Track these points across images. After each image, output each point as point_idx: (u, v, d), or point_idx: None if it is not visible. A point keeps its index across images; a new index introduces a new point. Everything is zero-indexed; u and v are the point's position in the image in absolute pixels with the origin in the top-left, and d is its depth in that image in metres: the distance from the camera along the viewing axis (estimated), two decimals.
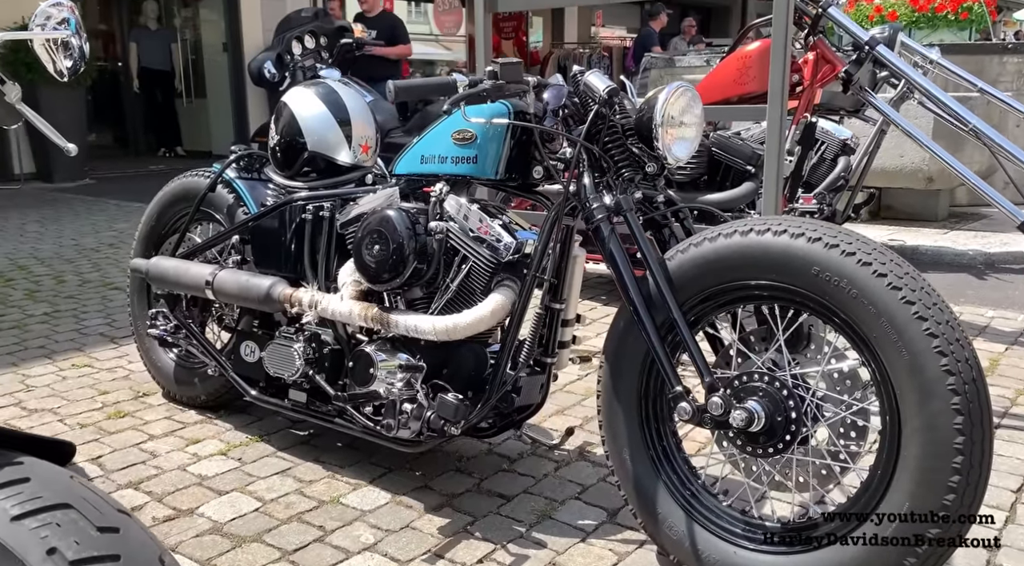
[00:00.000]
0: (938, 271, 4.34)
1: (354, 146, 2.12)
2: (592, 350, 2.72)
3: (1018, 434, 2.28)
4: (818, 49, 3.14)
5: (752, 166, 3.23)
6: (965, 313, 3.47)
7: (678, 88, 1.63)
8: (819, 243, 1.39)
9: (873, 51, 2.99)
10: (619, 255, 1.58)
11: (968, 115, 2.88)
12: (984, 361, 2.83)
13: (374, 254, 1.77)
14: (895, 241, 4.79)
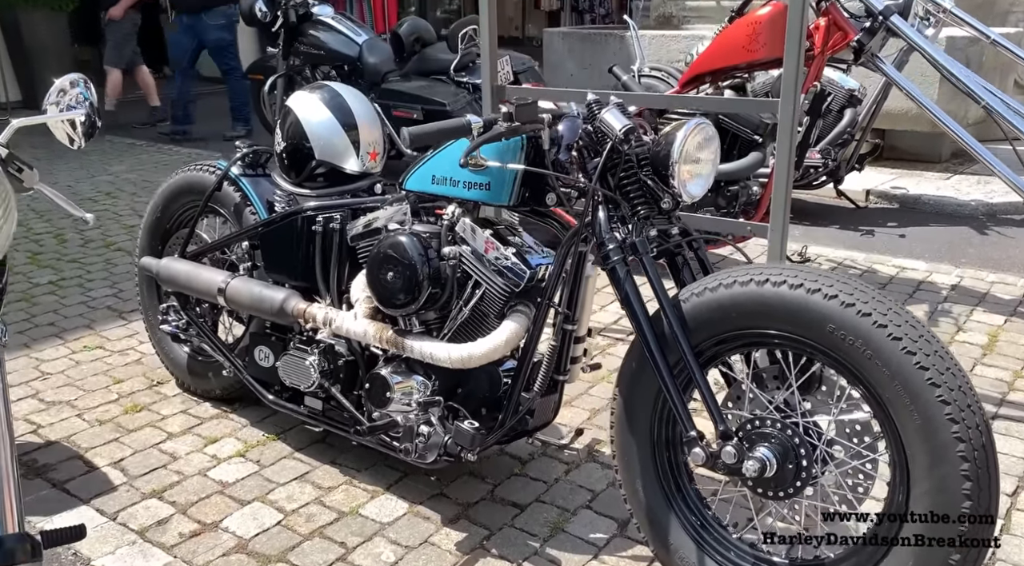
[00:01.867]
0: (940, 224, 4.35)
1: (362, 154, 2.09)
2: (607, 335, 2.75)
3: (1015, 426, 2.34)
4: (830, 15, 3.05)
5: (759, 135, 3.19)
6: (966, 278, 3.50)
7: (697, 125, 1.61)
8: (835, 300, 1.40)
9: (887, 22, 2.91)
10: (634, 298, 1.59)
11: (982, 92, 2.84)
12: (983, 337, 2.89)
13: (388, 280, 1.78)
14: (898, 189, 4.77)
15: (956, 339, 2.91)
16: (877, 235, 4.17)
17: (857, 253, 3.87)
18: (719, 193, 3.28)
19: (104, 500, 2.00)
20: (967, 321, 3.07)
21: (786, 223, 2.41)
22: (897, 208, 4.68)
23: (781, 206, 2.38)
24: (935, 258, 3.80)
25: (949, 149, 5.60)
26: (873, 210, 4.66)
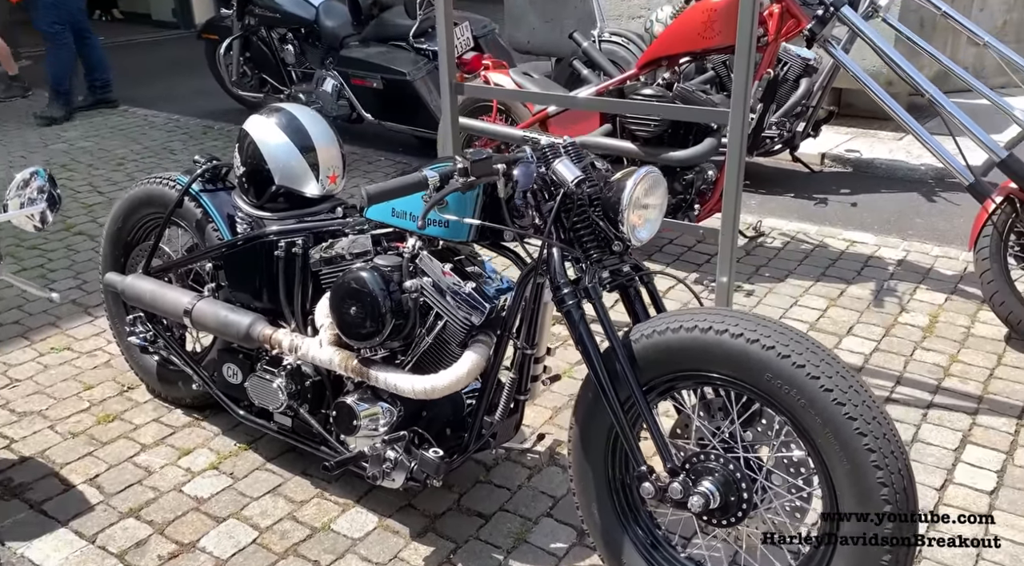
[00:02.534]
0: (891, 189, 4.47)
1: (322, 177, 2.12)
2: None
3: (947, 415, 2.49)
4: (784, 2, 3.08)
5: (716, 124, 3.23)
6: (912, 252, 3.63)
7: (646, 173, 1.67)
8: (772, 351, 1.49)
9: (837, 13, 2.94)
10: (588, 339, 1.67)
11: (926, 84, 2.91)
12: (924, 318, 3.03)
13: (351, 315, 1.83)
14: (852, 152, 4.87)
15: (899, 321, 3.06)
16: (830, 204, 4.28)
17: (809, 225, 3.98)
18: (675, 179, 3.33)
19: (82, 522, 2.08)
20: (910, 300, 3.21)
21: (735, 226, 2.49)
22: (851, 172, 4.79)
23: (731, 212, 2.46)
24: (884, 229, 3.92)
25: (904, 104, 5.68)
26: (828, 175, 4.76)
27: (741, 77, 2.32)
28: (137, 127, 5.91)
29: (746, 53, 2.29)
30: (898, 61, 2.95)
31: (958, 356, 2.81)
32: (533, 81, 3.80)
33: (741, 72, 2.31)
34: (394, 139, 5.35)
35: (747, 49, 2.29)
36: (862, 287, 3.33)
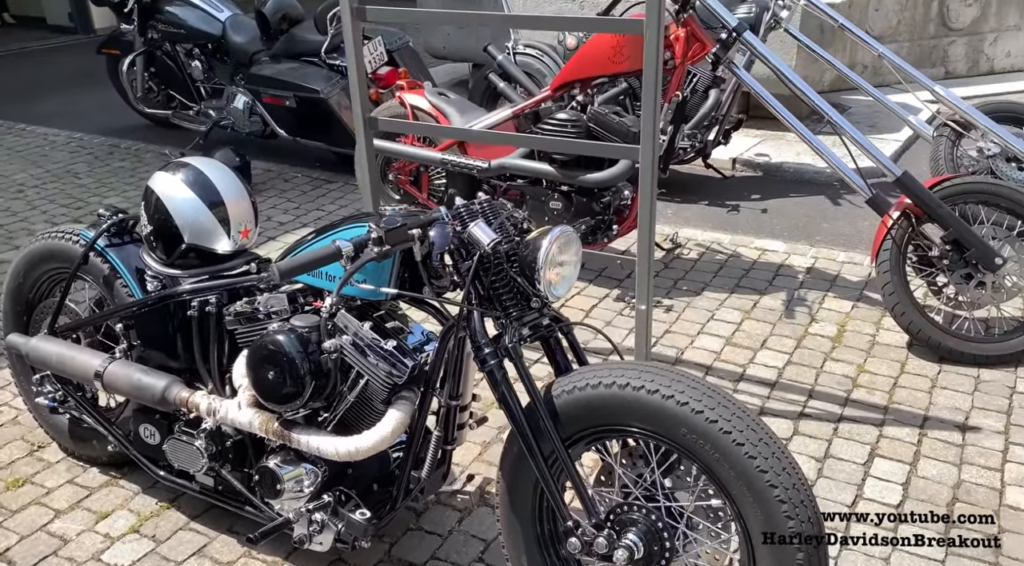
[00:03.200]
0: (799, 193, 4.63)
1: (233, 233, 2.07)
2: None
3: (857, 428, 2.61)
4: (689, 27, 3.14)
5: (629, 143, 3.29)
6: (820, 258, 3.78)
7: (560, 233, 1.69)
8: (687, 407, 1.54)
9: (740, 38, 3.03)
10: (510, 397, 1.69)
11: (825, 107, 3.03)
12: (832, 328, 3.16)
13: (269, 379, 1.81)
14: (761, 156, 5.02)
15: (809, 331, 3.18)
16: (742, 211, 4.41)
17: (723, 234, 4.09)
18: (593, 200, 3.38)
19: None
20: (819, 309, 3.34)
21: (651, 254, 2.55)
22: (761, 177, 4.93)
23: (646, 242, 2.51)
24: (793, 236, 4.06)
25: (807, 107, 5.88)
26: (739, 180, 4.89)
27: (649, 116, 2.36)
28: (36, 148, 5.66)
29: (652, 93, 2.34)
30: (797, 83, 3.05)
31: (865, 366, 2.95)
32: (450, 102, 3.78)
33: (649, 111, 2.36)
34: (311, 154, 5.26)
35: (653, 89, 2.33)
36: (774, 298, 3.45)
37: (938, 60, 6.82)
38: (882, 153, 2.99)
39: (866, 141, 3.01)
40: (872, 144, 3.01)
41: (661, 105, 3.33)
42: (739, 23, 3.03)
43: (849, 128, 3.02)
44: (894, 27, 6.53)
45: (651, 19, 2.26)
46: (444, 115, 3.72)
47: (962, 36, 6.78)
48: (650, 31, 2.27)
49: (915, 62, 6.71)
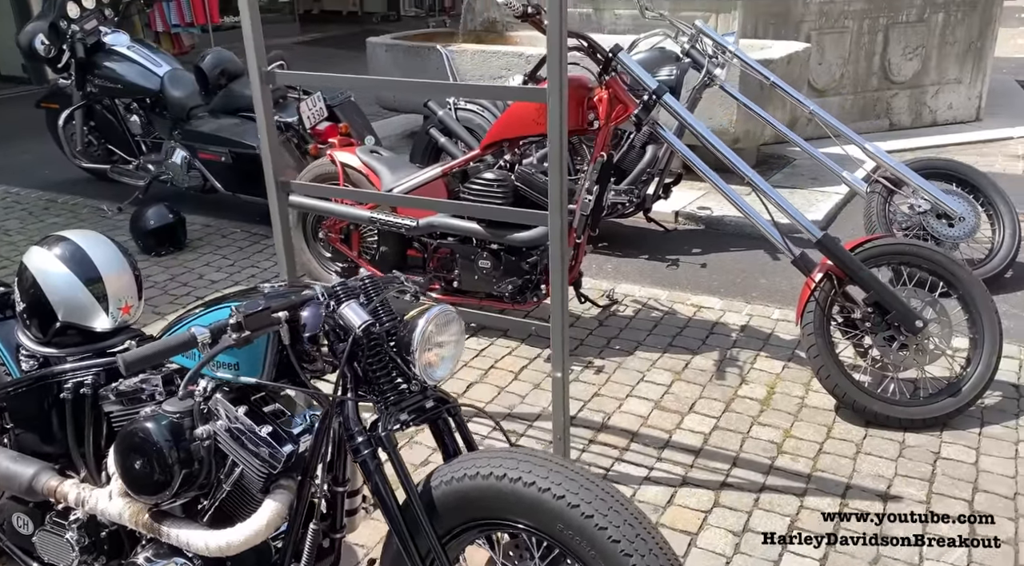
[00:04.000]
0: (739, 248, 4.62)
1: (112, 310, 1.98)
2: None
3: (778, 499, 2.55)
4: (612, 89, 3.14)
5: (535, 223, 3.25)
6: (755, 316, 3.75)
7: (438, 312, 1.63)
8: (563, 501, 1.47)
9: (660, 100, 3.02)
10: (384, 491, 1.61)
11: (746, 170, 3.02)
12: (762, 390, 3.11)
13: (136, 469, 1.70)
14: (704, 209, 5.02)
15: (739, 394, 3.13)
16: (681, 265, 4.38)
17: (660, 290, 4.06)
18: (521, 259, 3.34)
19: None
20: (751, 370, 3.29)
21: (565, 322, 2.49)
22: (702, 230, 4.93)
23: (559, 311, 2.45)
24: (730, 292, 4.04)
25: (753, 157, 5.94)
26: (681, 233, 4.88)
27: (556, 183, 2.32)
28: None
29: (557, 160, 2.30)
30: (719, 148, 3.04)
31: (791, 430, 2.89)
32: (382, 160, 3.74)
33: (555, 179, 2.32)
34: (251, 209, 5.18)
35: (558, 157, 2.30)
36: (706, 357, 3.40)
37: (882, 112, 6.94)
38: (802, 214, 2.98)
39: (785, 202, 3.00)
40: (792, 205, 3.01)
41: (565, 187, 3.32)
42: (659, 86, 3.02)
43: (768, 189, 3.02)
44: (838, 80, 6.65)
45: (553, 88, 2.23)
46: (375, 173, 3.68)
47: (904, 89, 6.92)
48: (552, 99, 2.24)
49: (860, 114, 6.84)
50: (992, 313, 2.87)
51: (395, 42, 6.50)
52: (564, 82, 2.23)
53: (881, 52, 6.72)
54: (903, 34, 6.70)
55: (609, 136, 3.29)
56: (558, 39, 2.18)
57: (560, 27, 2.16)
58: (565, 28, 2.19)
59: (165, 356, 1.50)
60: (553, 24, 2.17)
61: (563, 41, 2.19)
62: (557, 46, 2.18)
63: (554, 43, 2.18)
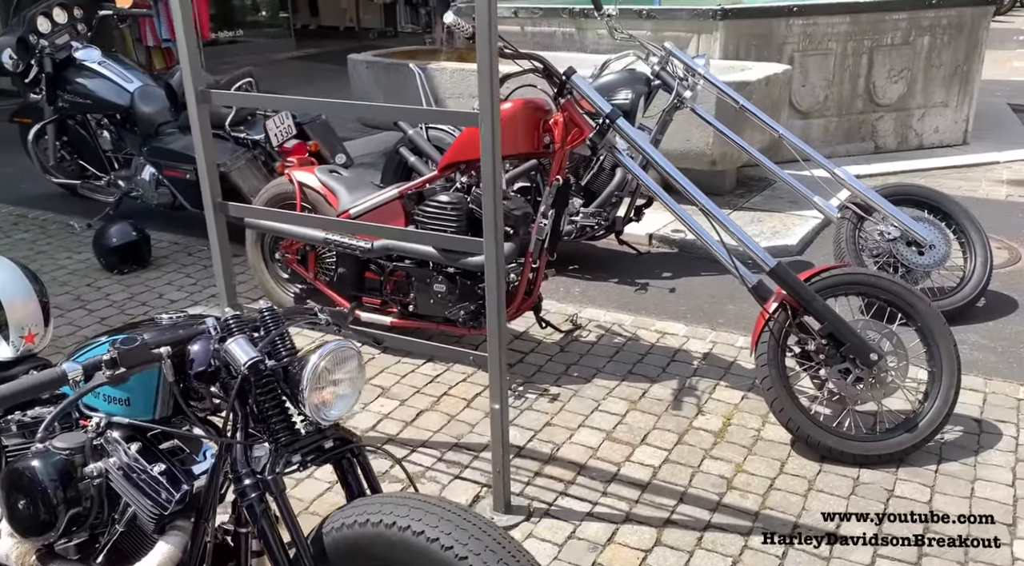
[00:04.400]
0: (710, 272, 4.53)
1: (13, 338, 1.91)
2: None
3: (722, 538, 2.46)
4: (567, 111, 3.08)
5: (510, 227, 3.19)
6: (719, 343, 3.67)
7: (333, 349, 1.55)
8: (451, 552, 1.39)
9: (613, 125, 2.96)
10: (271, 534, 1.53)
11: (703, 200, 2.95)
12: (718, 421, 3.03)
13: (20, 509, 1.63)
14: (678, 232, 4.94)
15: (694, 425, 3.04)
16: (650, 290, 4.31)
17: (626, 315, 3.98)
18: (476, 283, 3.26)
19: None
20: (708, 400, 3.21)
21: (502, 351, 2.41)
22: (676, 253, 4.86)
23: (496, 342, 2.38)
24: (696, 318, 3.96)
25: (733, 180, 5.88)
26: (654, 256, 4.81)
27: (489, 210, 2.26)
28: None
29: (490, 186, 2.23)
30: (675, 176, 2.97)
31: (744, 465, 2.81)
32: (341, 179, 3.68)
33: (489, 205, 2.25)
34: None
35: (491, 183, 2.23)
36: (665, 386, 3.32)
37: (867, 135, 6.88)
38: (755, 243, 2.91)
39: (739, 230, 2.93)
40: (746, 234, 2.93)
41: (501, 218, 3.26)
42: (612, 110, 2.96)
43: (721, 216, 2.95)
44: (822, 102, 6.59)
45: (484, 112, 2.17)
46: (332, 193, 3.61)
47: (890, 112, 6.86)
48: (484, 125, 2.18)
49: (844, 137, 6.78)
50: (950, 346, 2.78)
51: (376, 59, 6.46)
52: (495, 106, 2.17)
53: (866, 74, 6.67)
54: (888, 56, 6.65)
55: (565, 160, 3.23)
56: (488, 62, 2.12)
57: (489, 49, 2.10)
58: (495, 50, 2.13)
59: (30, 394, 1.42)
60: (482, 47, 2.11)
61: (492, 64, 2.13)
62: (487, 69, 2.12)
63: (484, 66, 2.12)
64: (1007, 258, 4.56)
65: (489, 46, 2.09)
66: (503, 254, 2.33)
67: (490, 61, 2.11)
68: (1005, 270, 4.38)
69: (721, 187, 5.73)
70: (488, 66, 2.11)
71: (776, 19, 6.24)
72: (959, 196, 5.69)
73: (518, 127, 3.12)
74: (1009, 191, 5.80)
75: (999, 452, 2.82)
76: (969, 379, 3.27)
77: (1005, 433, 2.92)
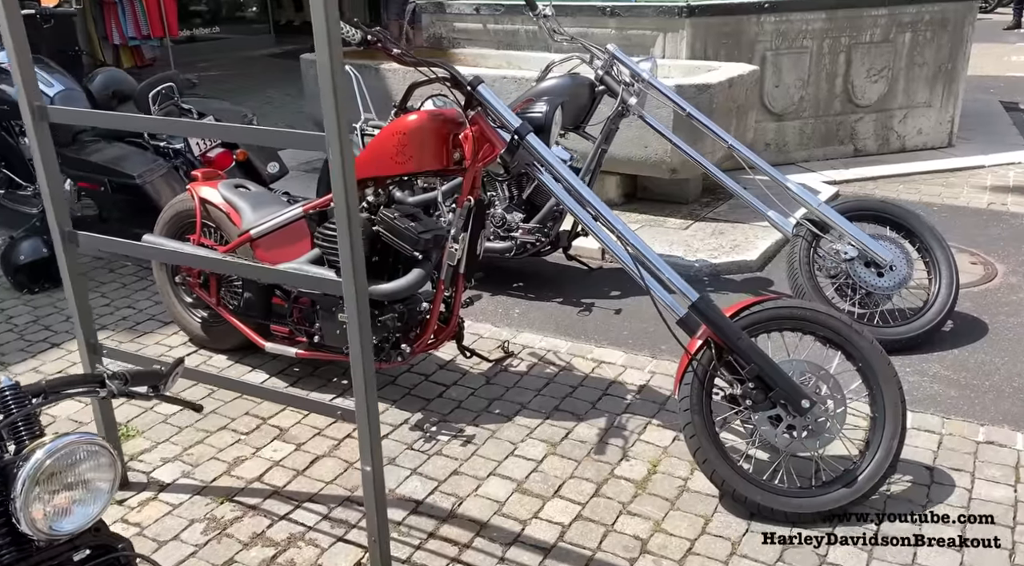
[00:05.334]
0: None
1: None
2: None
3: None
4: (477, 125, 2.78)
5: (420, 252, 2.89)
6: (657, 374, 3.37)
7: (65, 447, 1.26)
8: None
9: (522, 142, 2.65)
10: None
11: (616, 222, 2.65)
12: (643, 468, 2.74)
13: None
14: None
15: (615, 473, 2.75)
16: (595, 311, 4.00)
17: (563, 341, 3.68)
18: (383, 312, 2.97)
19: None
20: (636, 442, 2.91)
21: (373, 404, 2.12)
22: None
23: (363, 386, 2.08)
24: (638, 343, 3.65)
25: (698, 188, 5.57)
26: (606, 272, 4.50)
27: (346, 254, 1.96)
28: None
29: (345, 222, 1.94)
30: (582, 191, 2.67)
31: (663, 522, 2.51)
32: (246, 195, 3.38)
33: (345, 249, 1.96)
34: None
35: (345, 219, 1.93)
36: (591, 425, 3.02)
37: (846, 137, 6.56)
38: (675, 275, 2.61)
39: (657, 259, 2.63)
40: (663, 262, 2.63)
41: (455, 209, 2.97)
42: (522, 124, 2.66)
43: (638, 243, 2.63)
44: (797, 104, 6.28)
45: (331, 134, 1.87)
46: (236, 210, 3.32)
47: (870, 113, 6.54)
48: (333, 149, 1.88)
49: (822, 140, 6.46)
50: (895, 388, 2.48)
51: None
52: (343, 127, 1.87)
53: (844, 74, 6.34)
54: (867, 55, 6.32)
55: (478, 178, 2.93)
56: (329, 73, 1.82)
57: (330, 57, 1.80)
58: (339, 57, 1.83)
59: None
60: (322, 53, 1.81)
61: (335, 74, 1.82)
62: (329, 81, 1.82)
63: (326, 79, 1.83)
64: (982, 275, 4.24)
65: (330, 50, 1.79)
66: (366, 296, 2.03)
67: (331, 70, 1.80)
68: (978, 288, 4.07)
69: (685, 195, 5.43)
70: (330, 79, 1.81)
71: (746, 16, 5.92)
72: (939, 204, 5.39)
73: (423, 142, 2.82)
74: (991, 198, 5.48)
75: (949, 507, 2.52)
76: (925, 418, 2.98)
77: (958, 485, 2.62)
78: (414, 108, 3.12)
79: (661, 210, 5.26)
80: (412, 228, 2.89)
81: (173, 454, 2.88)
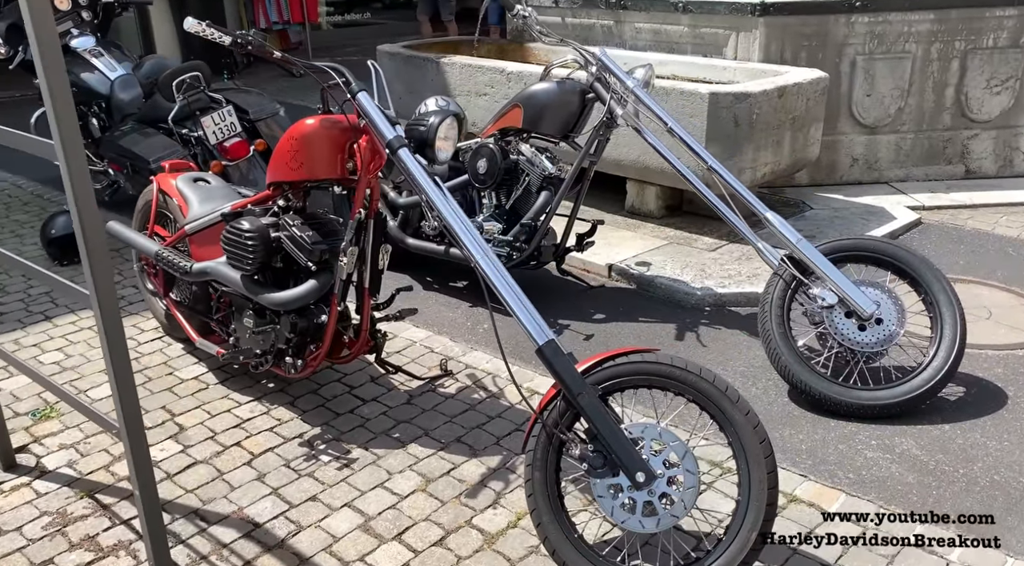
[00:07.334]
0: (652, 318, 3.90)
1: None
2: None
3: None
4: (368, 134, 2.62)
5: (314, 263, 2.78)
6: None
7: None
8: None
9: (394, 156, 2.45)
10: None
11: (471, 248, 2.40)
12: (503, 519, 2.53)
13: None
14: (641, 266, 4.30)
15: (472, 522, 2.52)
16: (565, 335, 3.73)
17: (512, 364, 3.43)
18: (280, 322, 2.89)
19: None
20: (516, 488, 2.66)
21: (138, 428, 2.04)
22: (632, 290, 4.22)
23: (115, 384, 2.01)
24: None
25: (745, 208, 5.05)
26: (607, 292, 4.21)
27: (87, 271, 1.88)
28: None
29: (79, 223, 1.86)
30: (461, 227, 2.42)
31: None
32: (200, 189, 3.41)
33: (83, 248, 1.88)
34: None
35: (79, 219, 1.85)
36: (482, 463, 2.80)
37: (955, 156, 5.77)
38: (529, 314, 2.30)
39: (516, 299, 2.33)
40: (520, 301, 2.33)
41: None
42: (395, 137, 2.46)
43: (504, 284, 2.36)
44: (893, 116, 5.58)
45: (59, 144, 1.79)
46: (187, 204, 3.35)
47: (988, 129, 5.71)
48: (62, 165, 1.80)
49: (924, 158, 5.72)
50: (763, 473, 2.09)
51: (398, 51, 6.18)
52: (77, 144, 1.78)
53: (956, 83, 5.55)
54: (988, 62, 5.50)
55: (376, 190, 2.78)
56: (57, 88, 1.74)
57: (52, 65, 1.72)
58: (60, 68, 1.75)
59: None
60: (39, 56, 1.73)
61: (59, 90, 1.74)
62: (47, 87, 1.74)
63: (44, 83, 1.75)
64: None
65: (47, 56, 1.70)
66: (117, 311, 1.95)
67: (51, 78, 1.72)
68: (1022, 352, 3.41)
69: (708, 208, 4.96)
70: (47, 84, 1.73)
71: (833, 16, 5.31)
72: None
73: (313, 149, 2.70)
74: None
75: None
76: (861, 505, 2.52)
77: None
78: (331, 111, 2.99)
79: (700, 227, 4.84)
80: (307, 238, 2.78)
81: (72, 441, 2.96)
